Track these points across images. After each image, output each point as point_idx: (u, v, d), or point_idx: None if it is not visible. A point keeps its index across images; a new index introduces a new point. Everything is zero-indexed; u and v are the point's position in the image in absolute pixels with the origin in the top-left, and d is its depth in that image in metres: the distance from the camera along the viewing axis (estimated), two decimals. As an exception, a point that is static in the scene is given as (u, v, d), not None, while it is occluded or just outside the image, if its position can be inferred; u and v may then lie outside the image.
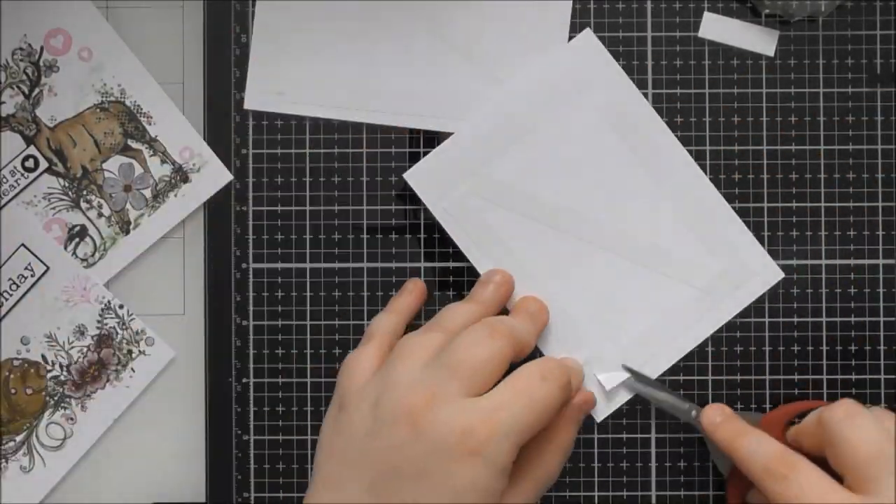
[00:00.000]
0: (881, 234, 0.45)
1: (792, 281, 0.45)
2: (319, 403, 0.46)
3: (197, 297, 0.47)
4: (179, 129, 0.46)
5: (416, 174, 0.46)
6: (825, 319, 0.45)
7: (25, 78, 0.46)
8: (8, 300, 0.46)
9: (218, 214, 0.46)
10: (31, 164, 0.46)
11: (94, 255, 0.46)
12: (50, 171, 0.46)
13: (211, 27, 0.46)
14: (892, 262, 0.45)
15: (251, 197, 0.46)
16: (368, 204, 0.46)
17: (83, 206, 0.46)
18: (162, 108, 0.46)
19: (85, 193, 0.46)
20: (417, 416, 0.38)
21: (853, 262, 0.45)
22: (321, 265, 0.46)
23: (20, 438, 0.47)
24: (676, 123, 0.45)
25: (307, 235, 0.46)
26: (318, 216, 0.46)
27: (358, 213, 0.46)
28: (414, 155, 0.46)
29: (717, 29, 0.45)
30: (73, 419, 0.46)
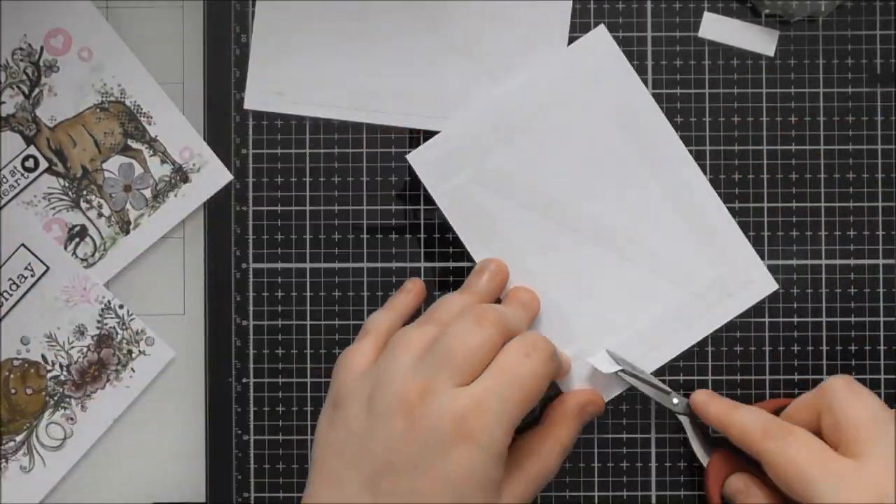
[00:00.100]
0: (881, 234, 0.45)
1: (792, 281, 0.45)
2: (319, 403, 0.46)
3: (197, 297, 0.47)
4: (179, 129, 0.46)
5: (419, 157, 0.45)
6: (825, 319, 0.45)
7: (25, 78, 0.46)
8: (8, 300, 0.46)
9: (218, 214, 0.46)
10: (31, 164, 0.46)
11: (94, 255, 0.46)
12: (50, 171, 0.46)
13: (211, 27, 0.46)
14: (892, 262, 0.45)
15: (251, 197, 0.46)
16: (368, 204, 0.46)
17: (83, 206, 0.46)
18: (162, 108, 0.46)
19: (85, 193, 0.46)
20: (411, 408, 0.38)
21: (853, 262, 0.45)
22: (321, 265, 0.46)
23: (20, 438, 0.47)
24: (676, 123, 0.45)
25: (307, 235, 0.46)
26: (318, 216, 0.46)
27: (358, 213, 0.46)
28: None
29: (717, 29, 0.45)
30: (73, 419, 0.46)
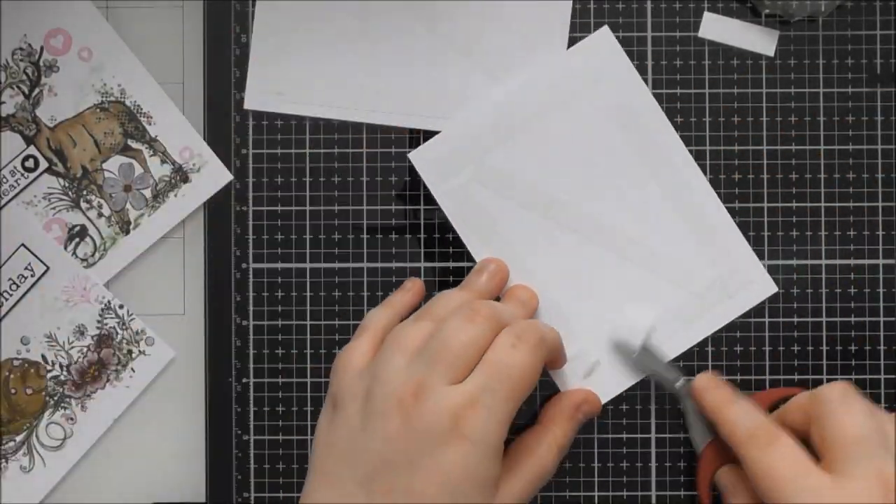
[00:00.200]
0: (881, 234, 0.45)
1: (792, 281, 0.45)
2: (319, 403, 0.46)
3: (197, 297, 0.47)
4: (179, 129, 0.46)
5: (420, 155, 0.45)
6: (825, 319, 0.45)
7: (25, 78, 0.46)
8: (8, 300, 0.46)
9: (218, 214, 0.46)
10: (31, 164, 0.46)
11: (94, 255, 0.46)
12: (50, 171, 0.46)
13: (211, 27, 0.46)
14: (892, 262, 0.45)
15: (251, 197, 0.46)
16: (368, 204, 0.46)
17: (83, 206, 0.46)
18: (162, 108, 0.46)
19: (85, 193, 0.46)
20: (407, 407, 0.38)
21: (853, 262, 0.45)
22: (321, 265, 0.46)
23: (20, 438, 0.46)
24: (676, 123, 0.45)
25: (307, 235, 0.46)
26: (318, 216, 0.46)
27: (358, 213, 0.46)
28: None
29: (717, 29, 0.45)
30: (73, 419, 0.46)
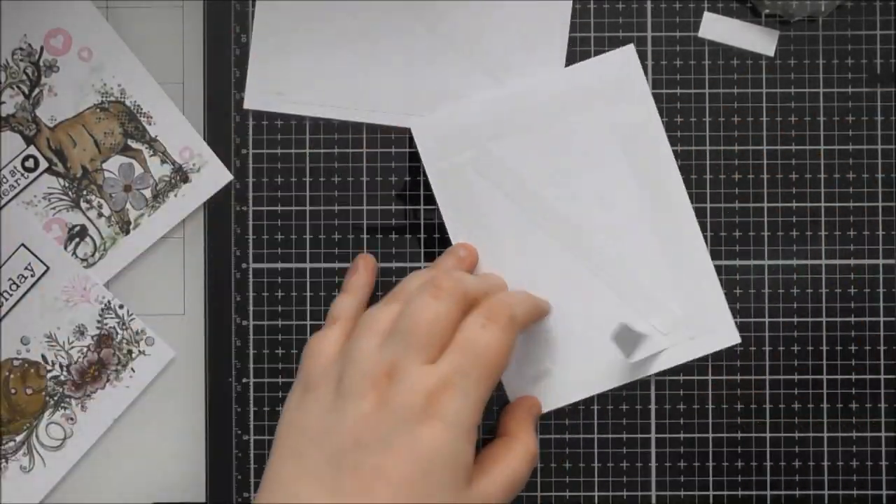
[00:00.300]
0: (881, 234, 0.45)
1: (792, 281, 0.45)
2: (319, 403, 0.46)
3: (197, 297, 0.47)
4: (179, 129, 0.46)
5: (422, 129, 0.45)
6: (825, 319, 0.45)
7: (25, 78, 0.46)
8: (8, 300, 0.46)
9: (218, 214, 0.46)
10: (31, 164, 0.46)
11: (94, 255, 0.46)
12: (50, 171, 0.46)
13: (211, 27, 0.46)
14: (892, 262, 0.45)
15: (251, 197, 0.46)
16: (368, 204, 0.46)
17: (83, 206, 0.46)
18: (162, 108, 0.46)
19: (85, 193, 0.46)
20: (381, 387, 0.38)
21: (853, 262, 0.45)
22: (321, 265, 0.46)
23: (20, 438, 0.46)
24: (676, 123, 0.45)
25: (307, 235, 0.46)
26: (318, 216, 0.46)
27: (358, 213, 0.46)
28: (414, 155, 0.46)
29: (717, 29, 0.45)
30: (73, 419, 0.46)
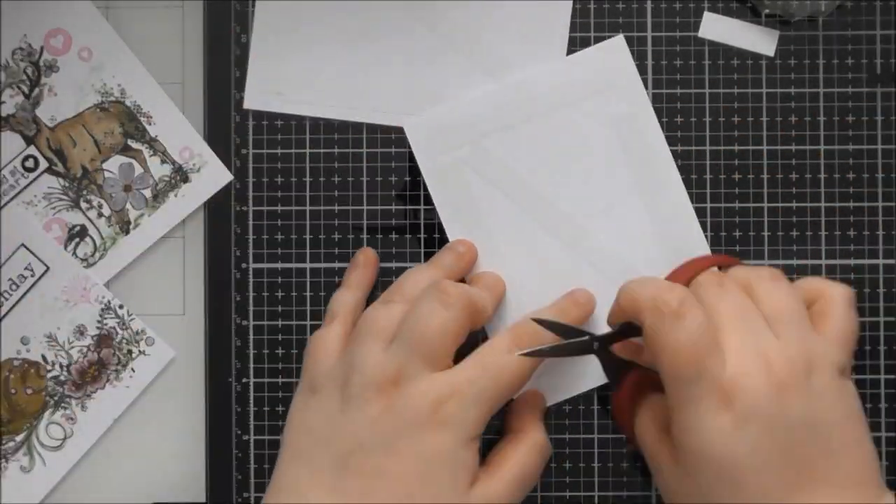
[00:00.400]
0: (881, 234, 0.45)
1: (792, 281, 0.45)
2: (319, 403, 0.46)
3: (197, 297, 0.47)
4: (179, 129, 0.46)
5: (415, 127, 0.45)
6: (825, 319, 0.45)
7: (25, 78, 0.46)
8: (8, 300, 0.46)
9: (218, 214, 0.46)
10: (31, 164, 0.46)
11: (94, 255, 0.46)
12: (50, 171, 0.46)
13: (211, 27, 0.46)
14: (892, 262, 0.45)
15: (251, 197, 0.46)
16: (368, 204, 0.46)
17: (83, 206, 0.46)
18: (162, 108, 0.46)
19: (85, 193, 0.46)
20: (388, 393, 0.38)
21: (853, 262, 0.45)
22: (321, 265, 0.46)
23: (20, 438, 0.46)
24: (676, 123, 0.45)
25: (307, 235, 0.46)
26: (318, 216, 0.46)
27: (358, 213, 0.46)
28: (414, 155, 0.46)
29: (717, 29, 0.45)
30: (73, 419, 0.46)
